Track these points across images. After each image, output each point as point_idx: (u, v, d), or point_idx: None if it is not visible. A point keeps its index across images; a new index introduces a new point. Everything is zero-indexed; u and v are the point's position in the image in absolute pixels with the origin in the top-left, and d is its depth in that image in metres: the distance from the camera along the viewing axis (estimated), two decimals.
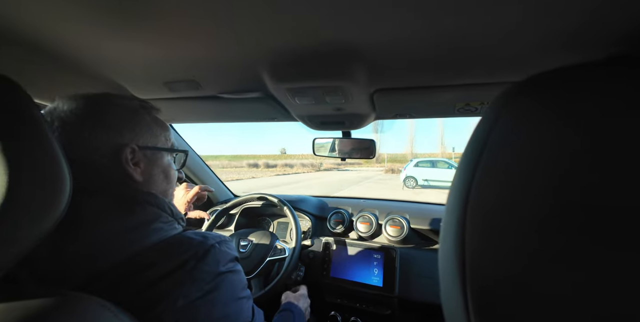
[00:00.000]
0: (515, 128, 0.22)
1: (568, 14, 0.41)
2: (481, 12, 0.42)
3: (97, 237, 0.44)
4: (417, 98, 0.70)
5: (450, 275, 0.24)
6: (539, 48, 0.50)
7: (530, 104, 0.22)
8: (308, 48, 0.54)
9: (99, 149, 0.49)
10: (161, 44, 0.54)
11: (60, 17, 0.46)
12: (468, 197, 0.24)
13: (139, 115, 0.54)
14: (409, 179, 11.63)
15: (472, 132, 0.26)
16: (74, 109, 0.49)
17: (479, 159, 0.24)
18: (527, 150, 0.21)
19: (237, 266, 0.53)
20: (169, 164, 0.59)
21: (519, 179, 0.21)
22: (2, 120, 0.30)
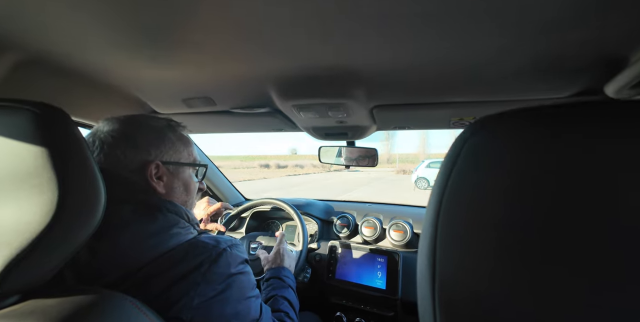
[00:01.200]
0: (473, 159, 0.27)
1: (542, 46, 0.46)
2: (466, 44, 0.47)
3: (125, 241, 0.50)
4: (413, 113, 0.75)
5: (424, 288, 0.28)
6: (519, 72, 0.54)
7: (487, 138, 0.27)
8: (312, 71, 0.60)
9: (128, 166, 0.56)
10: (181, 69, 0.61)
11: (101, 50, 0.54)
12: (437, 223, 0.28)
13: (164, 134, 0.61)
14: (420, 180, 11.51)
15: (445, 155, 0.31)
16: (110, 131, 0.58)
17: (446, 185, 0.29)
18: (483, 180, 0.26)
19: (246, 267, 0.59)
20: (190, 176, 0.65)
21: (478, 209, 0.26)
22: (54, 144, 0.37)
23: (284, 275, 0.85)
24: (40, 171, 0.35)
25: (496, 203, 0.25)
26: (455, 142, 0.30)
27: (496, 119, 0.27)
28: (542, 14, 0.39)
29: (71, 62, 0.61)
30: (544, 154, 0.24)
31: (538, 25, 0.41)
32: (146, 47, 0.53)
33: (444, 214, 0.28)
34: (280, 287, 0.80)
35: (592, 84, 0.58)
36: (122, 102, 0.83)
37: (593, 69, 0.53)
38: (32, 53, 0.57)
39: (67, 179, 0.36)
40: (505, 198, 0.24)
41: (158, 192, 0.58)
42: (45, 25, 0.46)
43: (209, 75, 0.65)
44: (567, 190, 0.22)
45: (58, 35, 0.50)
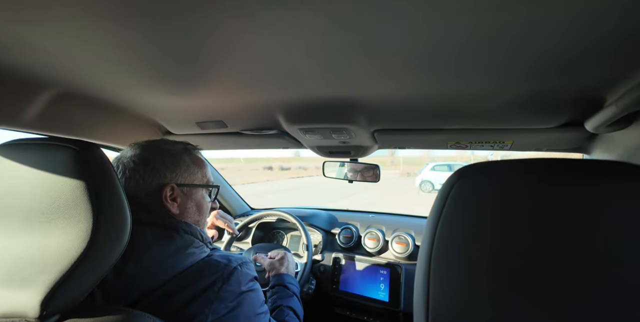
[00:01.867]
0: (460, 202, 0.31)
1: (525, 88, 0.51)
2: (459, 84, 0.51)
3: (147, 262, 0.54)
4: (412, 137, 0.79)
5: (419, 314, 0.32)
6: (507, 107, 0.59)
7: (471, 184, 0.32)
8: (317, 101, 0.65)
9: (146, 188, 0.61)
10: (197, 98, 0.67)
11: (129, 85, 0.60)
12: (430, 258, 0.32)
13: (180, 158, 0.66)
14: (425, 183, 11.46)
15: (435, 198, 0.35)
16: (132, 156, 0.62)
17: (437, 227, 0.33)
18: (469, 221, 0.30)
19: (256, 284, 0.62)
20: (202, 197, 0.69)
21: (465, 249, 0.30)
22: (90, 178, 0.41)
23: (288, 282, 0.87)
24: (78, 203, 0.39)
25: (482, 243, 0.29)
26: (443, 186, 0.34)
27: (479, 168, 0.32)
28: (525, 63, 0.43)
29: (102, 95, 0.67)
30: (524, 198, 0.28)
31: (522, 72, 0.46)
32: (167, 81, 0.58)
33: (435, 253, 0.32)
34: (286, 296, 0.82)
35: (574, 118, 0.62)
36: (141, 126, 0.90)
37: (574, 107, 0.57)
38: (70, 88, 0.63)
39: (100, 209, 0.40)
40: (490, 238, 0.28)
41: (172, 213, 0.62)
42: (84, 65, 0.51)
43: (222, 103, 0.70)
44: (543, 231, 0.26)
45: (94, 73, 0.55)
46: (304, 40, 0.41)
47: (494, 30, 0.35)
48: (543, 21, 0.33)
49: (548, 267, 0.26)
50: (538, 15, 0.32)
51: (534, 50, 0.39)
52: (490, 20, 0.33)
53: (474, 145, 0.79)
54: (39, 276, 0.37)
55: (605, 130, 0.54)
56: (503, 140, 0.75)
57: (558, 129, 0.66)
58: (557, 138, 0.70)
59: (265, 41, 0.41)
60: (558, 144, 0.76)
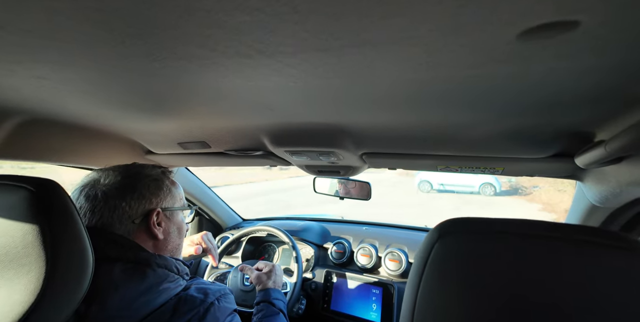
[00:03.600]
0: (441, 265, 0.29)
1: (513, 123, 0.50)
2: (447, 114, 0.48)
3: (114, 303, 0.49)
4: (401, 160, 0.75)
5: None
6: (496, 138, 0.57)
7: (452, 245, 0.30)
8: (301, 126, 0.62)
9: (132, 216, 0.58)
10: (177, 121, 0.64)
11: (102, 109, 0.57)
12: (413, 317, 0.30)
13: (162, 182, 0.64)
14: (423, 183, 11.46)
15: (415, 255, 0.34)
16: (113, 183, 0.59)
17: (418, 289, 0.30)
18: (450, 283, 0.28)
19: (234, 317, 0.59)
20: (182, 219, 0.68)
21: (449, 299, 0.28)
22: (46, 220, 0.37)
23: (274, 298, 0.85)
24: (29, 249, 0.36)
25: (464, 308, 0.27)
26: (424, 244, 0.32)
27: (461, 226, 0.30)
28: (511, 102, 0.41)
29: (75, 120, 0.64)
30: (510, 264, 0.26)
31: (509, 109, 0.44)
32: (144, 109, 0.56)
33: (417, 316, 0.30)
34: (271, 314, 0.80)
35: (564, 151, 0.61)
36: (121, 147, 0.86)
37: (563, 141, 0.56)
38: (36, 115, 0.59)
39: (56, 254, 0.37)
40: (473, 303, 0.27)
41: (158, 239, 0.60)
42: (50, 93, 0.47)
43: (203, 125, 0.68)
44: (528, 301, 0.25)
45: (62, 101, 0.51)
46: (277, 83, 0.38)
47: (481, 78, 0.34)
48: (526, 70, 0.31)
49: None
50: (522, 68, 0.30)
51: (519, 92, 0.38)
52: (477, 72, 0.32)
53: (464, 170, 0.76)
54: None
55: (596, 167, 0.51)
56: (494, 167, 0.72)
57: (548, 159, 0.64)
58: (548, 167, 0.67)
59: (237, 82, 0.39)
60: (550, 172, 0.74)
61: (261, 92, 0.43)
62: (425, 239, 0.32)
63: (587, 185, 0.66)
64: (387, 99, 0.43)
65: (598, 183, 0.60)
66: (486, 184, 10.29)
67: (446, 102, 0.43)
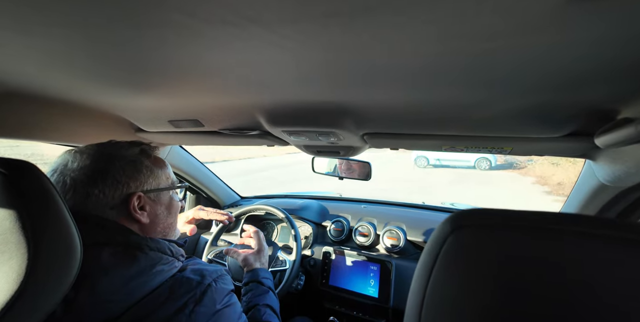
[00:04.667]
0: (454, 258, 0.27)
1: (521, 98, 0.45)
2: (456, 92, 0.44)
3: (104, 288, 0.48)
4: (404, 141, 0.72)
5: None
6: (508, 117, 0.53)
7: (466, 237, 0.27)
8: (299, 105, 0.57)
9: (109, 203, 0.54)
10: (166, 96, 0.58)
11: (82, 80, 0.51)
12: (421, 313, 0.28)
13: (140, 163, 0.59)
14: (420, 158, 11.53)
15: (425, 247, 0.31)
16: (81, 168, 0.54)
17: (428, 282, 0.28)
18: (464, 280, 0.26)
19: (232, 298, 0.58)
20: (171, 198, 0.64)
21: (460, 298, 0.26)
22: (22, 204, 0.34)
23: (263, 277, 0.84)
24: (7, 236, 0.33)
25: (474, 307, 0.25)
26: (435, 236, 0.29)
27: (478, 218, 0.27)
28: (528, 79, 0.37)
29: (55, 95, 0.58)
30: (531, 260, 0.24)
31: (525, 86, 0.40)
32: (129, 84, 0.51)
33: (425, 312, 0.28)
34: (260, 293, 0.79)
35: (582, 130, 0.56)
36: (109, 123, 0.81)
37: (581, 120, 0.51)
38: (8, 88, 0.53)
39: (38, 239, 0.34)
40: (482, 304, 0.24)
41: (142, 223, 0.57)
42: (22, 64, 0.42)
43: (195, 103, 0.62)
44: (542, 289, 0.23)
45: (30, 72, 0.46)
46: (272, 57, 0.34)
47: (508, 50, 0.29)
48: (567, 40, 0.27)
49: None
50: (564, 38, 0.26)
51: (550, 66, 0.33)
52: (505, 43, 0.28)
53: (470, 150, 0.72)
54: None
55: (616, 147, 0.48)
56: (502, 147, 0.68)
57: (562, 138, 0.60)
58: (560, 147, 0.63)
59: (226, 55, 0.34)
60: (561, 152, 0.70)
61: (254, 67, 0.38)
62: (437, 231, 0.29)
63: (599, 164, 0.64)
64: (397, 75, 0.38)
65: (612, 162, 0.57)
66: (482, 158, 10.38)
67: (463, 79, 0.38)
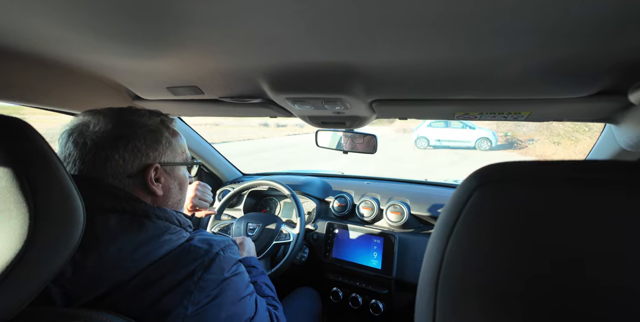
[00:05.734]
0: (478, 215, 0.25)
1: (552, 50, 0.41)
2: (470, 47, 0.41)
3: (112, 253, 0.48)
4: (415, 108, 0.69)
5: None
6: (532, 74, 0.49)
7: (493, 192, 0.25)
8: (305, 67, 0.54)
9: (127, 171, 0.53)
10: (164, 59, 0.55)
11: (77, 41, 0.49)
12: (437, 281, 0.26)
13: (160, 133, 0.58)
14: (420, 139, 11.45)
15: (446, 205, 0.28)
16: (104, 132, 0.53)
17: (447, 242, 0.26)
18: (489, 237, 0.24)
19: (239, 267, 0.58)
20: (184, 174, 0.64)
21: (483, 257, 0.24)
22: (16, 162, 0.33)
23: (256, 263, 0.86)
24: (5, 195, 0.32)
25: (499, 268, 0.23)
26: (459, 191, 0.27)
27: (506, 172, 0.25)
28: (562, 23, 0.33)
29: (43, 52, 0.55)
30: (564, 214, 0.21)
31: (559, 34, 0.36)
32: (125, 41, 0.48)
33: (444, 275, 0.26)
34: (258, 273, 0.81)
35: (613, 86, 0.52)
36: (104, 89, 0.78)
37: (617, 74, 0.47)
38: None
39: (37, 199, 0.33)
40: (510, 262, 0.22)
41: (156, 195, 0.57)
42: (8, 18, 0.39)
43: (194, 67, 0.59)
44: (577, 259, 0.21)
45: (23, 27, 0.43)
46: (275, 7, 0.31)
47: None
48: None
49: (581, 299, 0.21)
50: None
51: (587, 7, 0.29)
52: None
53: (484, 116, 0.69)
54: None
55: None
56: (519, 111, 0.65)
57: (589, 98, 0.56)
58: (585, 108, 0.60)
59: (223, 6, 0.32)
60: (584, 115, 0.66)
61: (255, 20, 0.35)
62: (461, 186, 0.27)
63: (622, 128, 0.61)
64: (415, 25, 0.35)
65: (638, 125, 0.54)
66: (482, 138, 10.33)
67: (487, 27, 0.35)
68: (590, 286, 0.20)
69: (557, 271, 0.21)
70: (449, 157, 9.20)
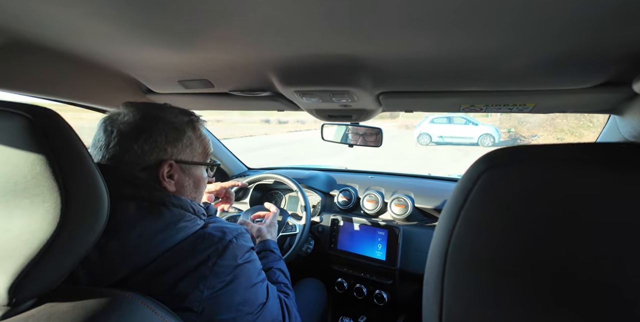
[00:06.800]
0: (487, 196, 0.25)
1: (558, 41, 0.42)
2: (476, 36, 0.42)
3: (133, 240, 0.51)
4: (421, 100, 0.70)
5: (430, 313, 0.29)
6: (538, 65, 0.50)
7: (503, 173, 0.25)
8: (314, 59, 0.55)
9: (143, 162, 0.56)
10: (176, 52, 0.57)
11: (93, 34, 0.51)
12: (445, 260, 0.28)
13: (184, 132, 0.60)
14: (422, 136, 11.42)
15: (454, 190, 0.29)
16: (131, 122, 0.56)
17: (456, 222, 0.27)
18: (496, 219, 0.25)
19: (252, 255, 0.61)
20: (201, 174, 0.65)
21: (492, 238, 0.25)
22: (51, 151, 0.35)
23: (273, 247, 0.87)
24: (39, 180, 0.34)
25: (509, 245, 0.24)
26: (468, 174, 0.28)
27: (515, 154, 0.25)
28: (570, 13, 0.34)
29: (61, 46, 0.57)
30: (566, 195, 0.22)
31: (566, 24, 0.37)
32: (139, 33, 0.49)
33: (452, 253, 0.27)
34: (274, 259, 0.83)
35: (618, 76, 0.53)
36: (117, 83, 0.80)
37: (622, 64, 0.48)
38: (18, 36, 0.52)
39: (68, 185, 0.35)
40: (519, 242, 0.23)
41: (168, 190, 0.58)
42: (31, 9, 0.41)
43: (206, 60, 0.61)
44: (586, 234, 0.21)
45: (46, 19, 0.45)
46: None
47: None
48: None
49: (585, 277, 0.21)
50: None
51: None
52: None
53: (490, 108, 0.71)
54: (3, 261, 0.34)
55: None
56: (524, 103, 0.67)
57: (593, 89, 0.57)
58: (589, 99, 0.61)
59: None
60: (589, 106, 0.67)
61: (270, 7, 0.37)
62: (470, 170, 0.27)
63: (626, 118, 0.62)
64: (428, 15, 0.36)
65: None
66: (485, 135, 10.29)
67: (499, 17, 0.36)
68: (600, 259, 0.20)
69: (568, 247, 0.22)
70: (452, 154, 9.18)
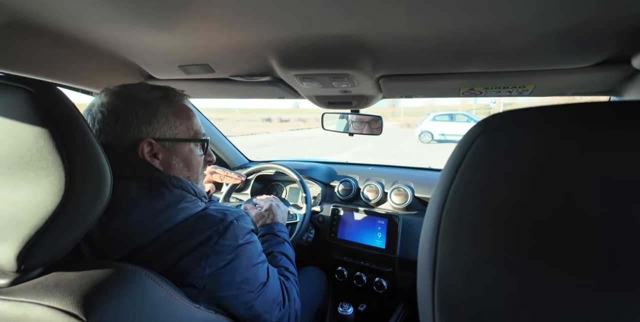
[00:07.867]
0: (481, 160, 0.26)
1: (560, 16, 0.42)
2: (478, 12, 0.42)
3: (134, 219, 0.51)
4: (421, 83, 0.71)
5: (424, 286, 0.30)
6: (535, 43, 0.50)
7: (495, 138, 0.26)
8: (314, 41, 0.56)
9: (123, 143, 0.55)
10: (175, 35, 0.57)
11: (93, 15, 0.51)
12: (440, 221, 0.28)
13: (156, 108, 0.58)
14: (424, 133, 11.41)
15: (452, 153, 0.30)
16: (102, 104, 0.56)
17: (450, 186, 0.28)
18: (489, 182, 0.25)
19: (253, 236, 0.62)
20: (190, 151, 0.63)
21: (482, 213, 0.25)
22: (54, 124, 0.36)
23: (278, 230, 0.86)
24: (43, 153, 0.35)
25: (502, 207, 0.24)
26: (462, 140, 0.28)
27: (510, 117, 0.26)
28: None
29: (61, 27, 0.57)
30: (557, 157, 0.22)
31: None
32: (138, 13, 0.49)
33: (446, 216, 0.27)
34: (277, 243, 0.82)
35: (618, 54, 0.53)
36: (118, 68, 0.80)
37: (622, 39, 0.48)
38: (18, 16, 0.52)
39: (71, 159, 0.36)
40: (512, 203, 0.24)
41: (157, 169, 0.58)
42: None
43: (205, 43, 0.61)
44: (576, 195, 0.21)
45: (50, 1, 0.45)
46: None
47: None
48: None
49: (582, 234, 0.21)
50: None
51: None
52: None
53: (489, 92, 0.71)
54: (11, 230, 0.35)
55: None
56: (524, 85, 0.67)
57: (593, 67, 0.57)
58: (589, 79, 0.61)
59: None
60: (589, 86, 0.67)
61: None
62: (466, 134, 0.28)
63: (625, 99, 0.63)
64: None
65: None
66: None
67: None
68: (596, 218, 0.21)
69: (560, 205, 0.22)
70: None
